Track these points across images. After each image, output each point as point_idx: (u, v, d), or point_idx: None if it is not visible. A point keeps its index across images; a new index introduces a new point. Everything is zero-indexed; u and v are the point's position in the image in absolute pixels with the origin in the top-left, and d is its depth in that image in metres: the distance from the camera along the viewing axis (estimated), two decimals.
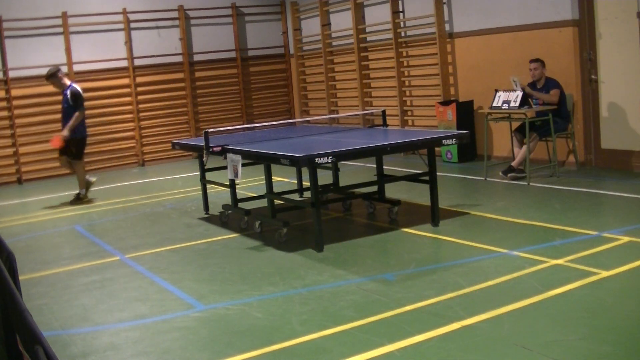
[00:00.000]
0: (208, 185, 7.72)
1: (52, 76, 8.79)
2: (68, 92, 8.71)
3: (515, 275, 4.73)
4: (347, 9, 12.05)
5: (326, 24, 12.66)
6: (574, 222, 6.01)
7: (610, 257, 4.98)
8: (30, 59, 11.44)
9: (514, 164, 8.18)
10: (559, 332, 3.74)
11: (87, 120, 11.88)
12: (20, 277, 3.29)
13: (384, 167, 7.34)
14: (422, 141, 6.14)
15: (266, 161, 6.19)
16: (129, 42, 12.28)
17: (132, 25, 12.35)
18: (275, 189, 7.08)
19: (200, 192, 7.83)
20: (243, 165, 6.29)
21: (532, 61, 8.24)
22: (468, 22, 9.88)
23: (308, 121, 10.59)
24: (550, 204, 6.88)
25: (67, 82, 8.90)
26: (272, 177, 6.64)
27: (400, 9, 10.96)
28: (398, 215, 6.70)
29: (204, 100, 13.21)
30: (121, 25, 12.23)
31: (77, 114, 8.66)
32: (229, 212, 7.19)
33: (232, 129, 9.37)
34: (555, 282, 4.48)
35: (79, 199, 8.96)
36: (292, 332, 4.06)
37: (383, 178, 7.10)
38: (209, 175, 7.64)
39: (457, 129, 9.31)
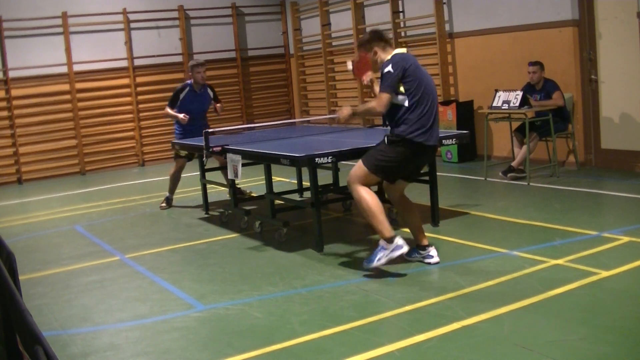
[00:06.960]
0: (208, 185, 7.72)
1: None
2: None
3: (515, 275, 4.73)
4: (347, 9, 12.05)
5: (326, 24, 12.66)
6: (574, 222, 6.01)
7: (610, 257, 4.98)
8: (30, 59, 11.43)
9: (514, 164, 8.17)
10: (559, 332, 3.74)
11: (87, 120, 12.03)
12: (20, 277, 3.28)
13: None
14: None
15: (266, 161, 6.19)
16: (129, 42, 12.28)
17: (132, 25, 12.34)
18: (275, 189, 7.08)
19: (200, 192, 7.83)
20: (243, 165, 6.29)
21: (531, 64, 8.22)
22: (468, 22, 9.88)
23: (308, 121, 10.59)
24: (550, 204, 6.87)
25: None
26: (272, 177, 6.63)
27: (400, 9, 10.96)
28: (398, 216, 6.69)
29: None
30: (121, 25, 12.23)
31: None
32: (229, 212, 7.19)
33: (232, 129, 9.36)
34: (555, 282, 4.48)
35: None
36: (292, 332, 4.06)
37: None
38: (208, 175, 7.65)
39: (457, 129, 9.29)
